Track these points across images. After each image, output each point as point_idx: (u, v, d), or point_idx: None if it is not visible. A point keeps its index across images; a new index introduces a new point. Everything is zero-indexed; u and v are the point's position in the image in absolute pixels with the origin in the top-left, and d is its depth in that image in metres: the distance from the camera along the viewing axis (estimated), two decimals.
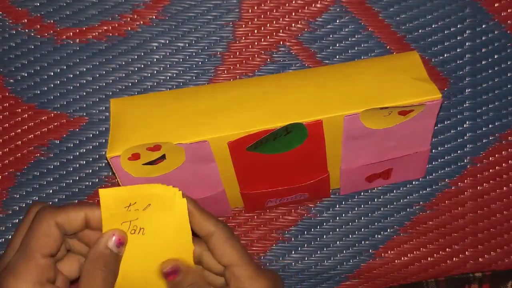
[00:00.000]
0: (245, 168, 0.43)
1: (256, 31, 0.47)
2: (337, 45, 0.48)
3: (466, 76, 0.48)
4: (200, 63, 0.48)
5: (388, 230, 0.49)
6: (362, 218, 0.49)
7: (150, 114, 0.41)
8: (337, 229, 0.49)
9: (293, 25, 0.47)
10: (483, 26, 0.48)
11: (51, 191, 0.48)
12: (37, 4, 0.47)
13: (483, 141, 0.49)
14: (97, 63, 0.48)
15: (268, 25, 0.47)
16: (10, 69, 0.48)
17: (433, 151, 0.49)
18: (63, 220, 0.35)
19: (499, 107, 0.49)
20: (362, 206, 0.49)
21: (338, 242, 0.49)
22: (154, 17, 0.47)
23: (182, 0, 0.47)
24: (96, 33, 0.47)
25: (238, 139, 0.40)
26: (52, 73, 0.48)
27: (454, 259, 0.49)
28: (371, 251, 0.49)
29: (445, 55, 0.48)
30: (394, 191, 0.49)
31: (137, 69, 0.48)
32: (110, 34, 0.47)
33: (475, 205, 0.49)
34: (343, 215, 0.49)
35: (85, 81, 0.48)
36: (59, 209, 0.35)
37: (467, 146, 0.49)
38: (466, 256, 0.49)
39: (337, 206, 0.49)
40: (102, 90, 0.48)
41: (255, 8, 0.47)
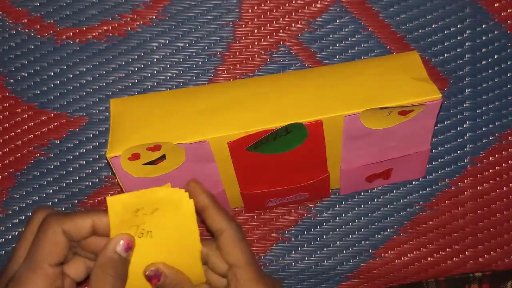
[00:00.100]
0: (245, 168, 0.43)
1: (256, 31, 0.47)
2: (337, 45, 0.48)
3: (466, 76, 0.48)
4: (200, 63, 0.48)
5: (388, 230, 0.49)
6: (362, 218, 0.49)
7: (150, 114, 0.41)
8: (337, 229, 0.49)
9: (293, 25, 0.47)
10: (483, 26, 0.48)
11: (51, 191, 0.48)
12: (37, 4, 0.47)
13: (483, 141, 0.49)
14: (97, 63, 0.48)
15: (268, 25, 0.47)
16: (10, 69, 0.48)
17: (433, 151, 0.49)
18: (70, 227, 0.35)
19: (499, 107, 0.49)
20: (362, 206, 0.49)
21: (338, 242, 0.49)
22: (154, 17, 0.47)
23: (182, 0, 0.47)
24: (96, 33, 0.47)
25: (238, 139, 0.40)
26: (52, 73, 0.48)
27: (454, 259, 0.49)
28: (371, 251, 0.49)
29: (445, 55, 0.48)
30: (394, 191, 0.49)
31: (137, 69, 0.48)
32: (110, 34, 0.47)
33: (475, 205, 0.49)
34: (343, 215, 0.49)
35: (85, 81, 0.48)
36: (66, 216, 0.35)
37: (467, 146, 0.49)
38: (466, 256, 0.49)
39: (337, 206, 0.49)
40: (102, 90, 0.48)
41: (255, 8, 0.47)
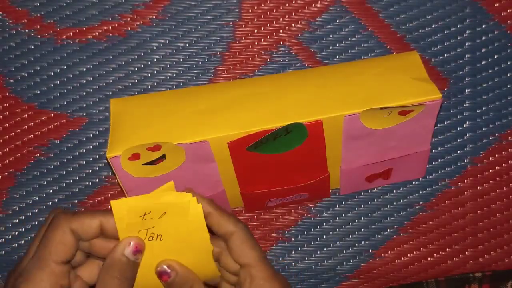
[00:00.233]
0: (245, 168, 0.43)
1: (256, 31, 0.47)
2: (337, 45, 0.48)
3: (466, 76, 0.48)
4: (200, 63, 0.48)
5: (388, 230, 0.49)
6: (362, 218, 0.49)
7: (150, 114, 0.41)
8: (337, 229, 0.49)
9: (293, 25, 0.47)
10: (483, 26, 0.48)
11: (51, 191, 0.48)
12: (37, 4, 0.47)
13: (483, 141, 0.49)
14: (97, 63, 0.48)
15: (268, 25, 0.47)
16: (10, 69, 0.48)
17: (433, 151, 0.49)
18: (77, 227, 0.35)
19: (499, 107, 0.49)
20: (362, 206, 0.49)
21: (338, 242, 0.49)
22: (154, 17, 0.47)
23: (182, 0, 0.47)
24: (96, 33, 0.47)
25: (238, 139, 0.40)
26: (52, 73, 0.48)
27: (454, 259, 0.49)
28: (371, 251, 0.49)
29: (445, 55, 0.48)
30: (394, 191, 0.49)
31: (137, 69, 0.48)
32: (110, 34, 0.47)
33: (475, 205, 0.49)
34: (343, 215, 0.49)
35: (85, 81, 0.48)
36: (74, 215, 0.35)
37: (467, 146, 0.49)
38: (466, 256, 0.49)
39: (337, 206, 0.49)
40: (102, 90, 0.48)
41: (255, 8, 0.47)
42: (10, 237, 0.48)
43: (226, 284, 0.40)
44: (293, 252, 0.49)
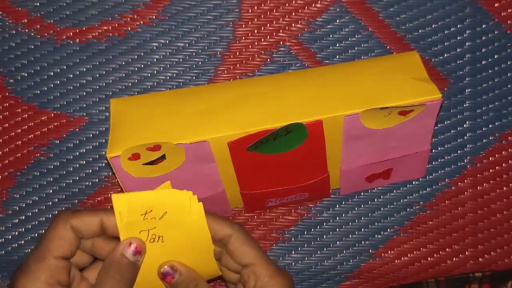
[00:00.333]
0: (245, 168, 0.43)
1: (256, 31, 0.47)
2: (337, 45, 0.48)
3: (466, 76, 0.48)
4: (200, 63, 0.48)
5: (388, 230, 0.49)
6: (362, 218, 0.49)
7: (150, 114, 0.41)
8: (337, 229, 0.49)
9: (293, 25, 0.47)
10: (483, 26, 0.48)
11: (51, 191, 0.48)
12: (37, 4, 0.47)
13: (483, 141, 0.49)
14: (97, 63, 0.48)
15: (268, 25, 0.47)
16: (10, 69, 0.48)
17: (433, 151, 0.49)
18: (78, 223, 0.35)
19: (499, 107, 0.49)
20: (362, 206, 0.49)
21: (338, 242, 0.49)
22: (154, 17, 0.47)
23: (182, 0, 0.47)
24: (96, 33, 0.47)
25: (238, 139, 0.40)
26: (52, 73, 0.48)
27: (454, 259, 0.49)
28: (371, 251, 0.49)
29: (445, 55, 0.48)
30: (394, 191, 0.49)
31: (137, 69, 0.48)
32: (110, 34, 0.47)
33: (475, 205, 0.49)
34: (343, 215, 0.49)
35: (85, 81, 0.48)
36: (75, 212, 0.35)
37: (467, 146, 0.49)
38: (466, 256, 0.49)
39: (337, 206, 0.49)
40: (102, 90, 0.48)
41: (255, 8, 0.47)
42: (10, 237, 0.48)
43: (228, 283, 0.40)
44: (293, 252, 0.49)
